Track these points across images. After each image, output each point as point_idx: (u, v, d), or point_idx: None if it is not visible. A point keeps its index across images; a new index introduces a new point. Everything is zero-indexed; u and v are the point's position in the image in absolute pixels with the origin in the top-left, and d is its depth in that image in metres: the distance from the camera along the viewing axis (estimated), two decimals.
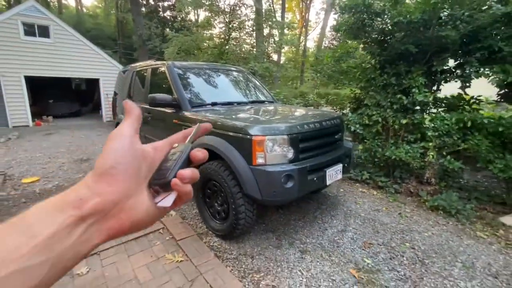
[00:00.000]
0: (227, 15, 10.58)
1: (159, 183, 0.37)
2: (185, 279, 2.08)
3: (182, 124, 3.06)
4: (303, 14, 28.85)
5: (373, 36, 3.87)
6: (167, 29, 14.46)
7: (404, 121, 3.77)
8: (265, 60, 11.67)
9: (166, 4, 21.08)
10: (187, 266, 2.23)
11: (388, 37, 3.90)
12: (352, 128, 4.32)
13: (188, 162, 0.40)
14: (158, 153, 0.40)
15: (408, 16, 3.29)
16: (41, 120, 11.47)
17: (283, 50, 22.77)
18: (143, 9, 19.09)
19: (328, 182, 2.66)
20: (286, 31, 15.35)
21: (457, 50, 3.44)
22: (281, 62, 21.23)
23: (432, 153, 3.59)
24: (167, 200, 0.37)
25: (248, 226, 2.56)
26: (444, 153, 3.61)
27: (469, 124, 3.32)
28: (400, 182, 4.07)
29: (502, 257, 2.55)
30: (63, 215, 0.30)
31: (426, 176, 3.87)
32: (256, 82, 4.46)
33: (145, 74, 4.07)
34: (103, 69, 11.99)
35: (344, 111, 5.41)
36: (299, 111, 3.47)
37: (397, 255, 2.56)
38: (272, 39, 12.17)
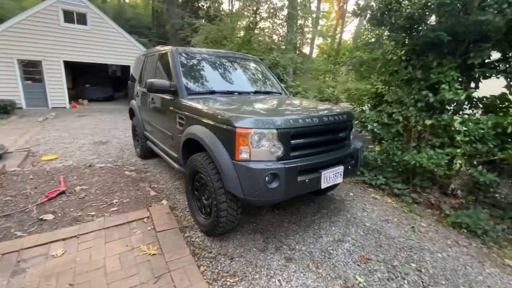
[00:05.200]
0: (254, 3, 10.26)
1: None
2: (152, 275, 1.97)
3: (177, 112, 2.94)
4: (341, 4, 27.32)
5: (400, 22, 3.36)
6: (200, 19, 14.46)
7: (428, 122, 3.27)
8: (292, 51, 11.19)
9: None
10: (158, 261, 2.12)
11: (416, 25, 3.36)
12: (369, 127, 3.88)
13: None
14: None
15: None
16: (77, 103, 12.31)
17: (317, 42, 21.87)
18: None
19: (323, 186, 2.37)
20: (321, 21, 14.61)
21: (502, 40, 2.83)
22: (314, 54, 20.39)
23: (459, 161, 3.08)
24: None
25: (230, 225, 2.38)
26: (475, 162, 3.08)
27: (509, 129, 2.76)
28: (420, 191, 3.59)
29: None
30: None
31: (452, 187, 3.36)
32: (267, 72, 4.19)
33: (154, 59, 4.02)
34: (134, 56, 12.41)
35: (364, 108, 4.91)
36: (303, 105, 3.16)
37: (397, 276, 2.21)
38: (301, 30, 11.62)
